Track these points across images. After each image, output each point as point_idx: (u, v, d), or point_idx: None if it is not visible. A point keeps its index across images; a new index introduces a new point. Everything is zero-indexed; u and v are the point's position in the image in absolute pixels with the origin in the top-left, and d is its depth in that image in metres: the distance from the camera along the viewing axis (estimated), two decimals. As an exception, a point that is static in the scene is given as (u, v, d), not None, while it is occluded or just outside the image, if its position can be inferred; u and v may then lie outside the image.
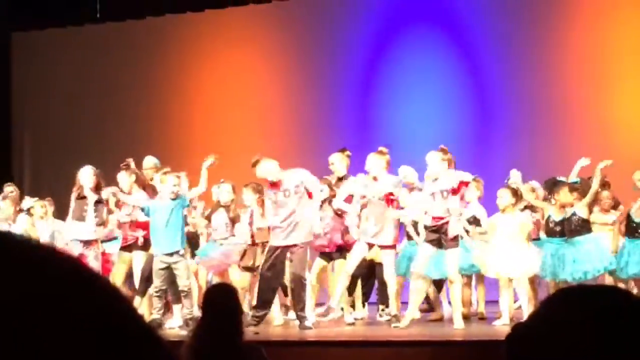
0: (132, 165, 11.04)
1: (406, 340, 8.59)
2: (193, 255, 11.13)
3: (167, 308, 10.70)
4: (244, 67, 15.72)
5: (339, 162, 10.83)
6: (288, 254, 9.84)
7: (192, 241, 11.17)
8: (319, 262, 10.65)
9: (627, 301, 1.57)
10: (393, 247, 10.03)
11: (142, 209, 10.27)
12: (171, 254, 9.88)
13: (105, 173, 11.12)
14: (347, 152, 10.95)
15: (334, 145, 11.65)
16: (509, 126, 14.18)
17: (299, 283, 9.74)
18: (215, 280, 10.73)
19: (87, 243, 10.77)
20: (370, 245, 9.92)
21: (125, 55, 16.04)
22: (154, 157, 11.69)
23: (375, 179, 9.93)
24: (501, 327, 9.37)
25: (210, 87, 15.89)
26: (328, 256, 10.62)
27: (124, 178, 10.92)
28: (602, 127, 13.66)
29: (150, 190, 10.91)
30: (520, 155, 13.38)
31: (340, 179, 10.73)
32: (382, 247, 9.92)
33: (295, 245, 9.76)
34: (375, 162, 9.98)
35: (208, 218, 11.19)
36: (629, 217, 9.88)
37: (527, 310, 9.49)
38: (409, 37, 14.81)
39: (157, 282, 9.98)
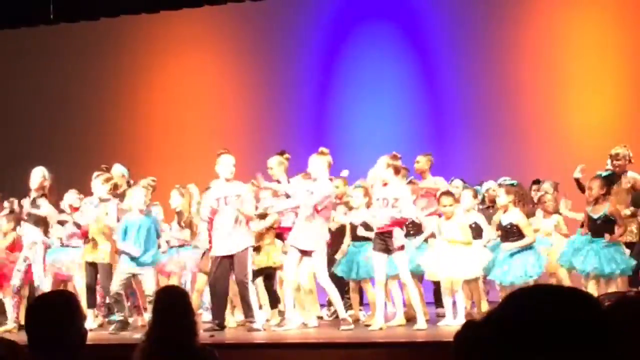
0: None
1: (361, 342, 8.58)
2: None
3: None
4: (198, 68, 15.65)
5: (276, 166, 10.76)
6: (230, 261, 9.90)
7: None
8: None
9: (577, 303, 1.56)
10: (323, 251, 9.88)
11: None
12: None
13: (56, 174, 10.99)
14: (286, 155, 10.91)
15: (288, 145, 11.62)
16: (464, 127, 14.24)
17: (242, 287, 9.78)
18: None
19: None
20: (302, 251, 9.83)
21: (79, 56, 15.89)
22: (122, 165, 11.66)
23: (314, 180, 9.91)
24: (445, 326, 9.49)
25: (164, 88, 15.80)
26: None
27: (99, 184, 10.77)
28: (557, 131, 13.75)
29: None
30: (474, 157, 13.48)
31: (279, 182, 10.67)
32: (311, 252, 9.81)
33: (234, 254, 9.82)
34: (317, 163, 9.93)
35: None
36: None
37: (462, 311, 9.64)
38: (364, 36, 14.84)
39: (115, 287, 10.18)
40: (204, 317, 10.82)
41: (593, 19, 14.02)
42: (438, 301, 10.61)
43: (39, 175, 10.79)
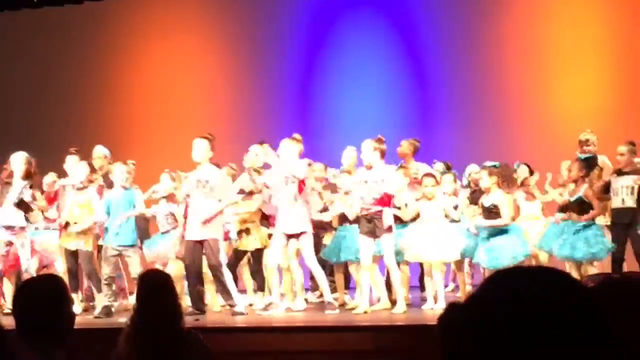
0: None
1: (346, 325, 8.59)
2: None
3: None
4: (183, 52, 15.58)
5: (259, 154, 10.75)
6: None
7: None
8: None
9: (560, 282, 1.56)
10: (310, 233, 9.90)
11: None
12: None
13: (39, 158, 10.91)
14: (266, 145, 10.92)
15: (273, 130, 11.61)
16: (449, 114, 14.25)
17: (218, 273, 9.75)
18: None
19: (12, 229, 10.61)
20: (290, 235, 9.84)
21: (62, 41, 15.80)
22: (103, 146, 11.60)
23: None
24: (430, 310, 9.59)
25: (149, 73, 15.73)
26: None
27: (73, 162, 10.78)
28: (540, 119, 13.78)
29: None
30: (460, 142, 13.49)
31: (256, 170, 10.70)
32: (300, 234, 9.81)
33: (206, 240, 9.78)
34: (288, 148, 9.93)
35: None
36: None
37: (442, 294, 9.74)
38: (350, 22, 14.82)
39: (107, 270, 10.12)
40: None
41: (574, 4, 14.04)
42: (423, 285, 10.65)
43: (22, 162, 10.63)
